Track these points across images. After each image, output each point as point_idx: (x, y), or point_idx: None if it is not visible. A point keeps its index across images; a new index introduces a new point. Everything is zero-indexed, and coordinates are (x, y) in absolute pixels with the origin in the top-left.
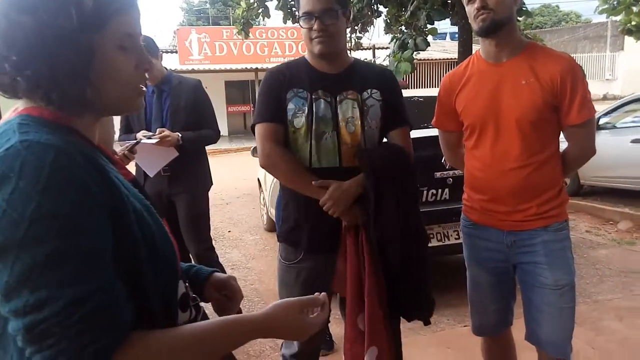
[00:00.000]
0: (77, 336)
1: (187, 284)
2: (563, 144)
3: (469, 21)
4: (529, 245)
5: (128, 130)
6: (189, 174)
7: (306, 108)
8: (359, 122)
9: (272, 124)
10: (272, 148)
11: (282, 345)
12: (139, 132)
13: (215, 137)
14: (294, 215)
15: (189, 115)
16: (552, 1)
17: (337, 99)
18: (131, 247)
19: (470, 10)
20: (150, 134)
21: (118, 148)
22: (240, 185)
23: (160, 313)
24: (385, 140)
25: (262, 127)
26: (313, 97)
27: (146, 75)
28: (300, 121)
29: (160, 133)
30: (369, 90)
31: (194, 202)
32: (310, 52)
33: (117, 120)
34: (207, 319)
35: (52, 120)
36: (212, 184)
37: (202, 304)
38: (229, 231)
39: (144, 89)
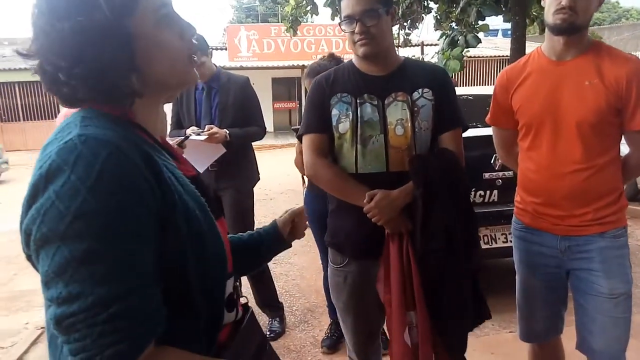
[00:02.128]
0: (100, 337)
1: (236, 284)
2: (624, 147)
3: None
4: (584, 252)
5: (179, 126)
6: (236, 170)
7: (351, 113)
8: (409, 124)
9: (316, 134)
10: (316, 159)
11: (322, 340)
12: (188, 127)
13: (261, 133)
14: (339, 221)
15: (236, 112)
16: None
17: (385, 101)
18: (177, 246)
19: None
20: (200, 130)
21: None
22: (284, 181)
23: (204, 312)
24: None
25: (308, 138)
26: (358, 101)
27: (194, 42)
28: (345, 126)
29: (209, 130)
30: (419, 90)
31: (240, 197)
32: (356, 55)
33: (168, 115)
34: (255, 319)
35: (114, 113)
36: (259, 179)
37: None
38: None
39: (196, 58)
